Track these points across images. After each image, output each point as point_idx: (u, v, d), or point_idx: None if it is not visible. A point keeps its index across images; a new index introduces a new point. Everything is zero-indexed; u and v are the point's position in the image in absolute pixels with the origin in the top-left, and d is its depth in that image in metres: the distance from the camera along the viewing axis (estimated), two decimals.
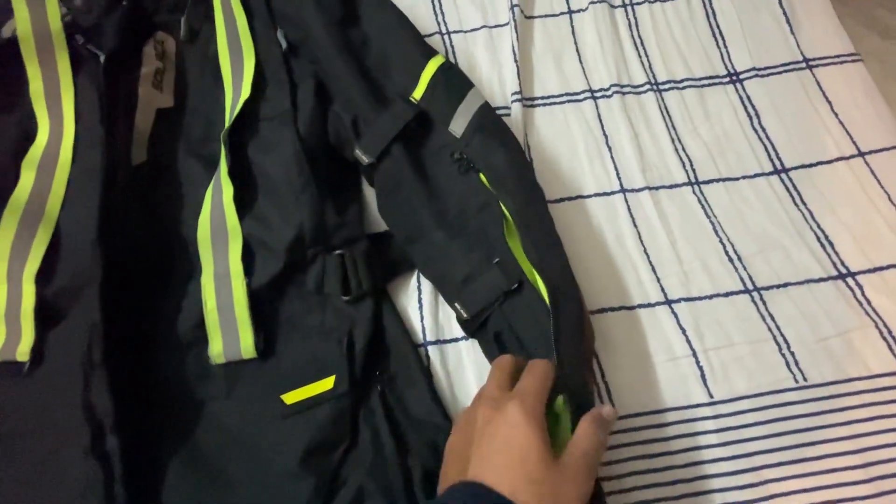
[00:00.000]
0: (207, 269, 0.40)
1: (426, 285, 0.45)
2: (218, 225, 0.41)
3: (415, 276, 0.45)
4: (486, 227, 0.41)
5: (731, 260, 0.46)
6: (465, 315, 0.41)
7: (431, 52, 0.45)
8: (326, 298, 0.41)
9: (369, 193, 0.48)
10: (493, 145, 0.41)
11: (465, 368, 0.43)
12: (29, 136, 0.46)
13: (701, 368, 0.42)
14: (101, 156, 0.42)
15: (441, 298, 0.44)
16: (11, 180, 0.44)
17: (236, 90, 0.45)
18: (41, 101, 0.47)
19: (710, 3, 0.57)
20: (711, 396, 0.41)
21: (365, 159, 0.43)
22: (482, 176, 0.42)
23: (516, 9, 0.54)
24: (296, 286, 0.41)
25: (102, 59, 0.47)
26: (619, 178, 0.49)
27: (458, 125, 0.43)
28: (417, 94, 0.44)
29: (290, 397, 0.39)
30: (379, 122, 0.43)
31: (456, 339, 0.43)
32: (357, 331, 0.40)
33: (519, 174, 0.41)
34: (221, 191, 0.42)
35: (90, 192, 0.45)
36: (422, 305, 0.44)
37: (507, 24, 0.55)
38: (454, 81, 0.44)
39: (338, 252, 0.42)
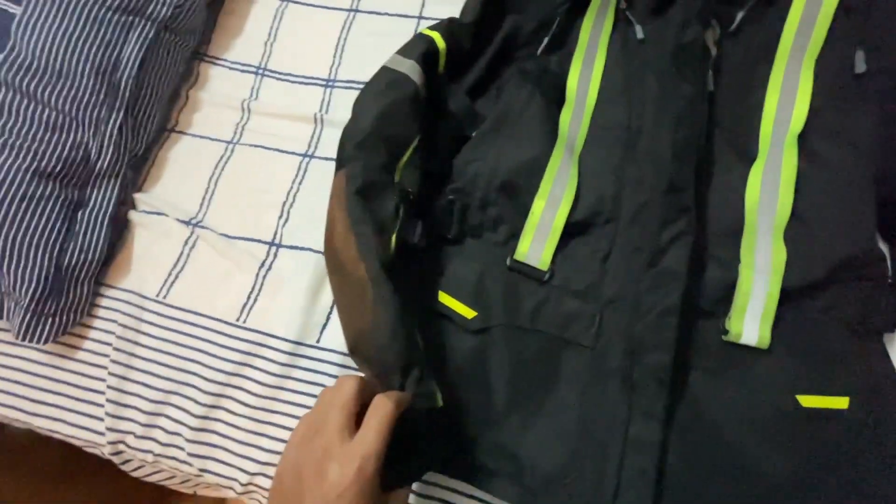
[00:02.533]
0: (747, 258, 0.44)
1: None
2: (765, 221, 0.45)
3: None
4: None
5: None
6: None
7: None
8: (842, 325, 0.43)
9: None
10: None
11: None
12: (559, 79, 0.55)
13: None
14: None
15: None
16: (556, 113, 0.53)
17: (787, 95, 0.47)
18: (582, 49, 0.55)
19: None
20: None
21: None
22: None
23: None
24: (816, 301, 0.44)
25: (638, 29, 0.53)
26: None
27: None
28: None
29: (807, 401, 0.41)
30: None
31: None
32: (877, 366, 0.42)
33: None
34: (777, 195, 0.45)
35: (609, 141, 0.52)
36: None
37: None
38: None
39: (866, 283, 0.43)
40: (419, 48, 0.53)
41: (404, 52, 0.54)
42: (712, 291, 0.46)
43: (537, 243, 0.50)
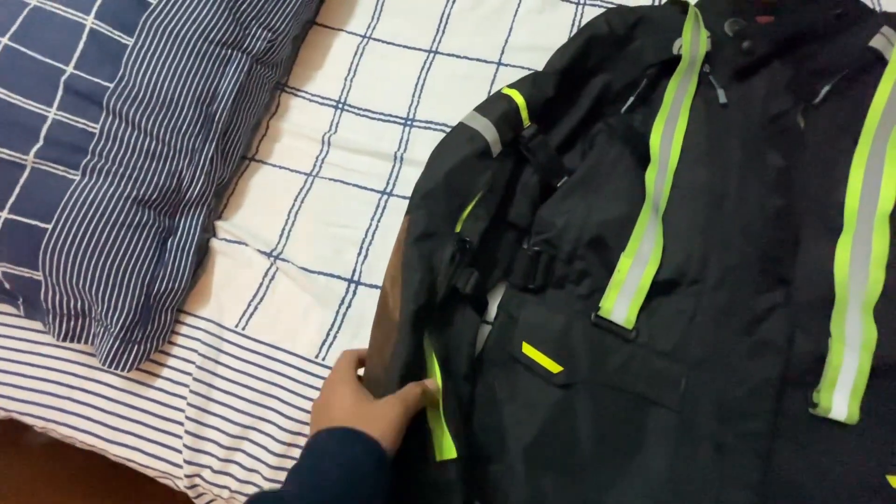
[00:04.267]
0: (838, 332, 0.45)
1: None
2: (855, 297, 0.45)
3: None
4: None
5: None
6: None
7: None
8: None
9: None
10: None
11: None
12: (642, 137, 0.56)
13: None
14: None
15: None
16: (642, 172, 0.54)
17: (873, 172, 0.48)
18: (666, 109, 0.57)
19: None
20: None
21: None
22: None
23: None
24: None
25: (721, 93, 0.55)
26: None
27: None
28: None
29: None
30: None
31: None
32: None
33: None
34: (867, 272, 0.45)
35: (693, 201, 0.53)
36: None
37: None
38: None
39: None
40: (498, 109, 0.55)
41: (482, 109, 0.56)
42: (801, 362, 0.46)
43: (622, 301, 0.51)
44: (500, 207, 0.56)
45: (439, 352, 0.48)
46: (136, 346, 0.51)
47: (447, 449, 0.43)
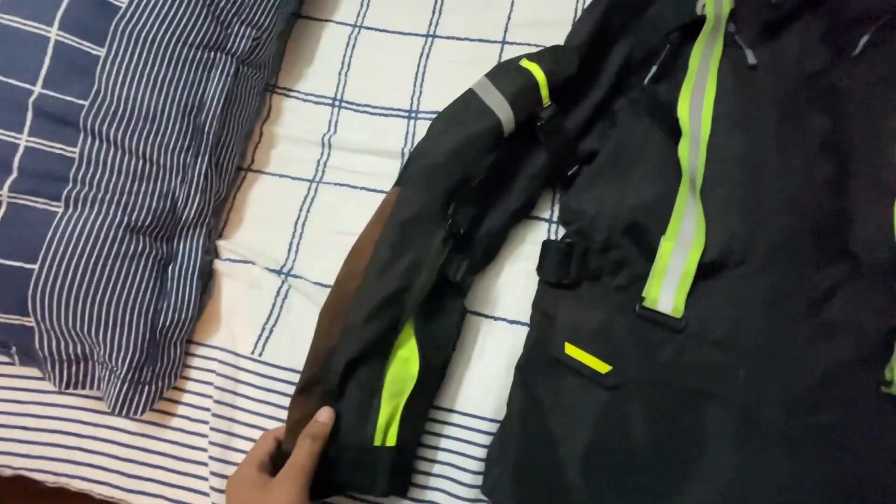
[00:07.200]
0: None
1: None
2: None
3: None
4: None
5: None
6: None
7: None
8: None
9: None
10: None
11: None
12: (669, 109, 0.52)
13: None
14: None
15: None
16: (675, 147, 0.50)
17: None
18: (692, 77, 0.52)
19: None
20: None
21: None
22: None
23: None
24: None
25: (749, 54, 0.50)
26: None
27: None
28: None
29: None
30: None
31: None
32: None
33: None
34: None
35: (730, 173, 0.49)
36: None
37: None
38: None
39: None
40: (514, 83, 0.50)
41: (497, 80, 0.51)
42: (869, 339, 0.43)
43: (668, 289, 0.47)
44: (496, 191, 0.52)
45: (426, 342, 0.46)
46: (146, 387, 0.47)
47: (390, 436, 0.43)
